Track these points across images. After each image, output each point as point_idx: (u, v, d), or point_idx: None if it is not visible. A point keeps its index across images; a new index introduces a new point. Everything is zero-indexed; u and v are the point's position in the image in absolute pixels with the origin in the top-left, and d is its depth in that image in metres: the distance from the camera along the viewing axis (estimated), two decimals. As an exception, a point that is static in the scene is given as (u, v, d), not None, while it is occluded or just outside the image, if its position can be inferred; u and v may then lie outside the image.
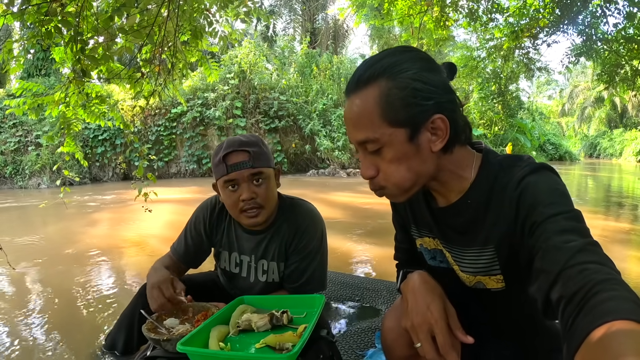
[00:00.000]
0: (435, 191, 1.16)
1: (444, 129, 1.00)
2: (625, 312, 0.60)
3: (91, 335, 2.53)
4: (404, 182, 1.03)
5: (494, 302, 1.18)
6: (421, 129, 0.99)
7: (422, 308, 1.06)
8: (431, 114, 0.98)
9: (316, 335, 1.45)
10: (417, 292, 1.11)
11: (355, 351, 2.20)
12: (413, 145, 1.00)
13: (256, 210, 1.73)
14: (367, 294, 3.05)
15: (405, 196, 1.07)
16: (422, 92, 0.98)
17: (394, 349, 1.29)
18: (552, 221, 0.87)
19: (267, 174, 1.75)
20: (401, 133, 0.98)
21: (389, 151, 1.00)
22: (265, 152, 1.76)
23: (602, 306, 0.63)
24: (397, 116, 0.97)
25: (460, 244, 1.15)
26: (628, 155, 34.02)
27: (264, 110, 16.81)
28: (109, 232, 6.09)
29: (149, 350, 1.67)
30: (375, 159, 1.03)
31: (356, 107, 1.01)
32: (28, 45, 3.00)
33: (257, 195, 1.71)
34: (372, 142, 1.00)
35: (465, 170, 1.09)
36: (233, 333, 1.41)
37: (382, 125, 0.98)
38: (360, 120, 1.01)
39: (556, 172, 1.02)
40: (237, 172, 1.68)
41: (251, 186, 1.71)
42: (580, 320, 0.64)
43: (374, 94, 0.99)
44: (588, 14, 7.32)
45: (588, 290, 0.68)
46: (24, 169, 14.33)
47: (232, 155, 1.70)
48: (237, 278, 1.97)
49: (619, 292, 0.65)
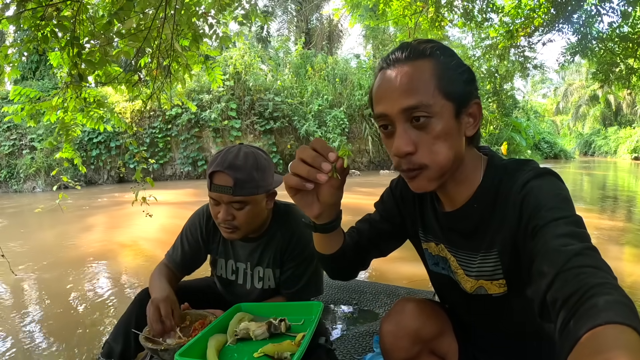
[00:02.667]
0: (443, 194, 1.15)
1: (478, 117, 1.04)
2: (619, 316, 0.60)
3: (88, 342, 2.52)
4: (446, 162, 0.99)
5: (493, 309, 1.17)
6: (464, 110, 1.01)
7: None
8: (474, 97, 1.03)
9: (314, 344, 1.44)
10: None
11: (353, 355, 2.19)
12: (457, 124, 1.00)
13: (231, 229, 1.70)
14: (365, 297, 3.04)
15: (438, 182, 1.03)
16: (470, 74, 1.03)
17: (393, 352, 1.28)
18: (554, 225, 0.87)
19: (251, 201, 1.68)
20: (450, 107, 0.98)
21: (438, 124, 0.97)
22: (254, 179, 1.66)
23: (596, 310, 0.63)
24: (452, 89, 0.98)
25: (466, 248, 1.14)
26: (623, 152, 34.24)
27: (259, 111, 16.78)
28: (104, 236, 6.07)
29: (146, 359, 1.65)
30: (417, 134, 0.98)
31: (408, 74, 0.98)
32: (24, 51, 2.98)
33: (235, 218, 1.68)
34: (424, 109, 0.96)
35: (475, 171, 1.10)
36: (231, 342, 1.40)
37: (437, 94, 0.97)
38: (414, 86, 0.97)
39: (560, 177, 1.02)
40: (218, 194, 1.65)
41: (230, 209, 1.67)
42: (574, 323, 0.64)
43: (430, 64, 0.98)
44: (583, 12, 7.33)
45: (583, 293, 0.68)
46: (19, 172, 14.25)
47: (217, 175, 1.65)
48: (234, 285, 1.96)
49: (614, 297, 0.65)
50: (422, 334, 1.26)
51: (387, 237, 1.37)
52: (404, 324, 1.27)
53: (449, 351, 1.33)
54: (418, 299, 1.35)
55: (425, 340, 1.27)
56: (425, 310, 1.29)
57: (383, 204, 1.39)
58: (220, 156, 1.68)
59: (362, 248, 1.34)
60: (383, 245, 1.38)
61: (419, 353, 1.28)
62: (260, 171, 1.69)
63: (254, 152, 1.73)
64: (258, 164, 1.69)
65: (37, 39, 2.72)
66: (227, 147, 1.74)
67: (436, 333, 1.29)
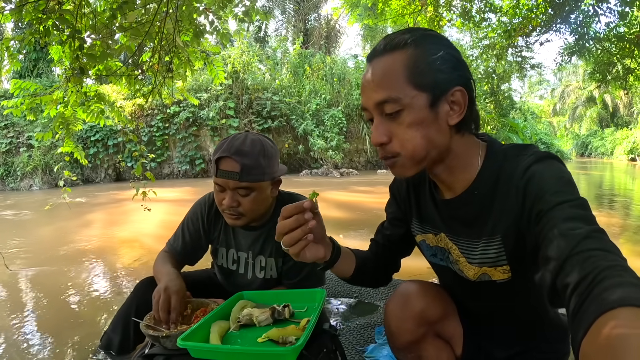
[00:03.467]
0: (441, 182, 1.16)
1: (462, 104, 1.02)
2: (631, 298, 0.59)
3: (87, 335, 2.51)
4: (419, 151, 1.02)
5: (497, 295, 1.17)
6: (442, 98, 1.00)
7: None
8: (454, 85, 1.00)
9: (319, 329, 1.44)
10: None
11: (355, 347, 2.20)
12: (432, 113, 1.00)
13: (236, 216, 1.71)
14: (366, 290, 3.05)
15: (415, 169, 1.06)
16: (449, 61, 1.01)
17: (399, 335, 1.29)
18: (559, 209, 0.87)
19: (257, 187, 1.69)
20: (423, 98, 0.99)
21: (409, 115, 1.00)
22: (261, 165, 1.67)
23: (608, 293, 0.62)
24: (423, 79, 0.99)
25: (467, 236, 1.14)
26: (619, 153, 34.28)
27: (256, 110, 16.79)
28: (103, 232, 6.05)
29: (147, 348, 1.65)
30: (390, 125, 1.03)
31: (380, 68, 1.02)
32: (24, 44, 2.98)
33: (240, 204, 1.68)
34: (393, 102, 0.99)
35: (472, 158, 1.10)
36: (234, 328, 1.40)
37: (406, 86, 0.99)
38: (384, 80, 1.01)
39: (561, 160, 1.02)
40: (224, 180, 1.66)
41: (236, 195, 1.67)
42: (587, 308, 0.64)
43: (401, 57, 1.00)
44: (580, 13, 7.35)
45: (594, 277, 0.67)
46: (16, 170, 14.23)
47: (223, 160, 1.65)
48: (235, 275, 1.96)
49: (625, 279, 0.65)
50: (427, 315, 1.26)
51: (401, 239, 1.40)
52: (409, 305, 1.27)
53: (454, 335, 1.33)
54: (422, 281, 1.35)
55: (431, 321, 1.27)
56: (430, 292, 1.30)
57: (389, 207, 1.43)
58: (227, 142, 1.69)
59: (384, 257, 1.42)
60: (403, 246, 1.42)
61: (424, 335, 1.28)
62: (267, 158, 1.70)
63: (261, 139, 1.73)
64: (265, 150, 1.70)
65: (39, 32, 2.73)
66: (234, 135, 1.74)
67: (441, 315, 1.29)
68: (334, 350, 1.47)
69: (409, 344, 1.28)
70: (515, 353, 1.30)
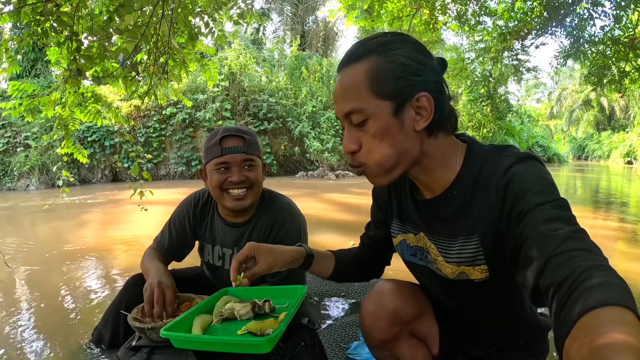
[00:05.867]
0: (420, 183, 1.17)
1: (429, 109, 1.01)
2: (613, 297, 0.60)
3: (78, 330, 2.55)
4: (386, 160, 1.03)
5: (475, 294, 1.18)
6: (406, 105, 1.01)
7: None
8: (417, 90, 1.00)
9: (297, 323, 1.48)
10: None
11: (339, 344, 2.24)
12: (397, 121, 1.01)
13: (245, 191, 1.79)
14: (353, 289, 3.09)
15: (386, 178, 1.07)
16: (410, 67, 1.00)
17: (373, 333, 1.31)
18: (539, 209, 0.87)
19: (258, 163, 1.84)
20: (386, 106, 1.00)
21: (373, 124, 1.01)
22: (257, 143, 1.86)
23: (591, 292, 0.63)
24: (384, 88, 1.00)
25: (445, 235, 1.15)
26: (616, 157, 34.35)
27: (253, 112, 16.83)
28: (98, 232, 6.07)
29: (134, 340, 1.69)
30: (359, 134, 1.05)
31: (345, 79, 1.04)
32: (23, 46, 3.02)
33: (247, 177, 1.79)
34: (357, 113, 1.02)
35: (450, 159, 1.10)
36: (216, 322, 1.44)
37: (369, 96, 1.00)
38: (348, 92, 1.03)
39: (542, 161, 1.03)
40: (231, 156, 1.76)
41: (242, 170, 1.79)
42: (570, 307, 0.65)
43: (364, 67, 1.01)
44: (575, 16, 7.38)
45: (577, 277, 0.69)
46: (13, 170, 14.22)
47: (228, 139, 1.78)
48: (221, 271, 2.00)
49: (607, 278, 0.66)
50: (401, 314, 1.28)
51: (383, 240, 1.44)
52: (383, 304, 1.29)
53: (429, 334, 1.35)
54: (398, 280, 1.37)
55: (405, 321, 1.29)
56: (405, 291, 1.32)
57: (372, 210, 1.48)
58: (223, 128, 1.84)
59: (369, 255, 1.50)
60: (386, 247, 1.46)
61: (398, 334, 1.30)
62: (257, 140, 1.89)
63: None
64: (255, 132, 1.92)
65: (37, 34, 2.77)
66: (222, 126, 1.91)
67: (415, 314, 1.31)
68: (312, 345, 1.51)
69: (384, 342, 1.32)
70: (493, 352, 1.32)
